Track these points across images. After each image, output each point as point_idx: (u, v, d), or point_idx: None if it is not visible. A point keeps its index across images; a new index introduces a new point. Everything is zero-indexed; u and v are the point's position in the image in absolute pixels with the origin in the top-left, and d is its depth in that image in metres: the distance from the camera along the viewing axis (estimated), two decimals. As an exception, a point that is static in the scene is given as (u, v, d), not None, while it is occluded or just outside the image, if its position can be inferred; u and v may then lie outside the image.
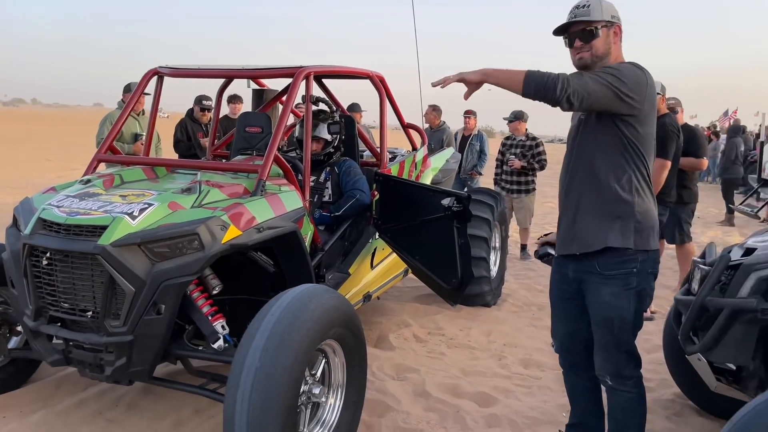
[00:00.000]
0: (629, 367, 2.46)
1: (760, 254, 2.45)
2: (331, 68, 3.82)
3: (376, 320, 4.66)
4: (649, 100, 2.29)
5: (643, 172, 2.36)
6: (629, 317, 2.38)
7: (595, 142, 2.37)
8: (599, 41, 2.32)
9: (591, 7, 2.32)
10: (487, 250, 5.04)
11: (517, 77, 2.21)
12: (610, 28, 2.34)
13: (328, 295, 2.61)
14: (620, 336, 2.41)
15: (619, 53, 2.40)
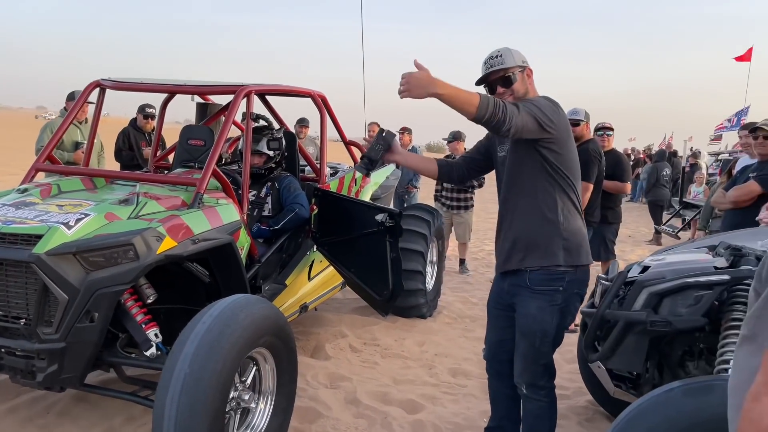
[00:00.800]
0: (544, 379, 2.67)
1: (652, 272, 2.71)
2: (272, 87, 3.97)
3: (313, 330, 4.79)
4: (563, 127, 2.53)
5: (570, 194, 2.57)
6: (551, 331, 2.59)
7: (521, 168, 2.58)
8: (518, 84, 2.58)
9: (503, 57, 2.58)
10: (423, 263, 5.24)
11: (471, 100, 2.26)
12: (523, 72, 2.60)
13: (259, 305, 2.74)
14: (540, 348, 2.61)
15: (535, 91, 2.66)
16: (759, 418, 1.06)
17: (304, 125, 7.89)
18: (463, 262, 7.67)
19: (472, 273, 7.61)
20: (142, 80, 3.75)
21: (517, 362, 2.69)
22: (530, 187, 2.56)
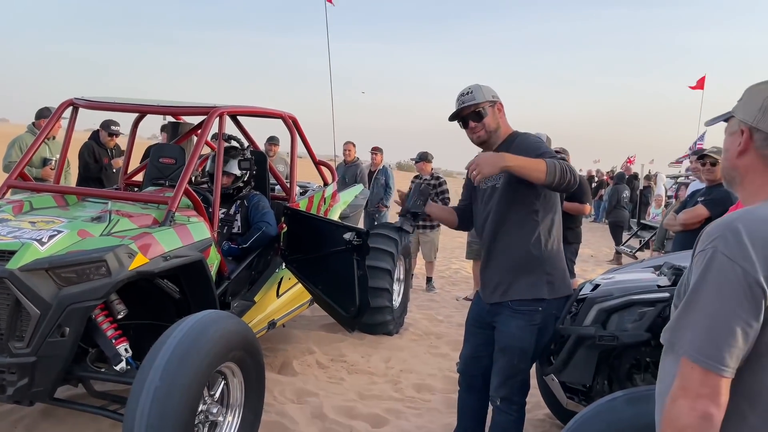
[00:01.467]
0: (519, 394, 2.80)
1: (601, 290, 2.89)
2: (244, 109, 4.08)
3: (281, 347, 4.86)
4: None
5: (553, 230, 2.72)
6: (529, 349, 2.72)
7: (511, 205, 2.69)
8: (489, 119, 2.72)
9: (474, 93, 2.73)
10: (390, 281, 5.37)
11: (539, 167, 2.40)
12: (494, 106, 2.75)
13: (229, 321, 2.83)
14: (519, 365, 2.74)
15: (507, 124, 2.81)
16: (676, 418, 1.20)
17: (275, 143, 8.01)
18: (429, 280, 7.82)
19: (439, 291, 7.76)
20: (115, 100, 3.82)
21: (494, 377, 2.80)
22: (517, 222, 2.70)
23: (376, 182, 8.23)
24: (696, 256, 1.25)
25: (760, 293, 1.14)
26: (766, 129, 1.28)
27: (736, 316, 1.15)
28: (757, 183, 1.32)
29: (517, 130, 2.81)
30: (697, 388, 1.17)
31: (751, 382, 1.19)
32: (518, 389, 2.77)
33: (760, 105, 1.29)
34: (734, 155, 1.33)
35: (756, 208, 1.26)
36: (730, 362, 1.15)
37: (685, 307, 1.21)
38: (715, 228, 1.23)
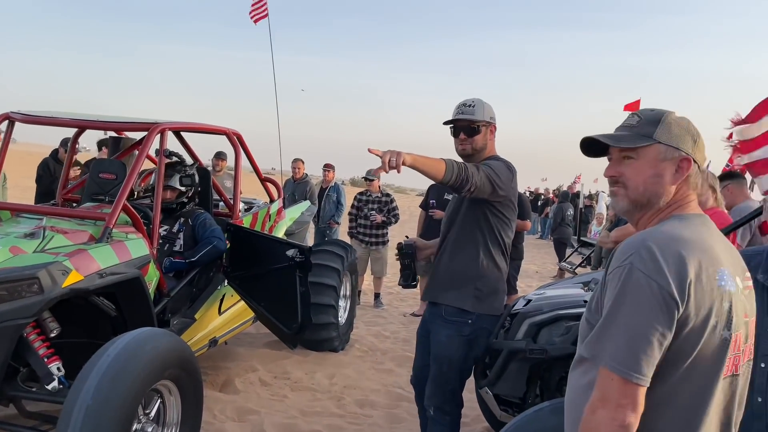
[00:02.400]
0: (451, 405, 2.87)
1: (532, 305, 3.01)
2: (186, 125, 4.07)
3: (224, 365, 4.81)
4: (512, 192, 2.78)
5: (495, 250, 2.78)
6: (457, 359, 2.78)
7: (460, 218, 2.81)
8: (479, 137, 2.80)
9: (475, 108, 2.80)
10: (335, 297, 5.39)
11: (438, 166, 2.46)
12: (488, 127, 2.83)
13: (165, 338, 2.81)
14: (448, 374, 2.81)
15: (493, 147, 2.90)
16: (595, 429, 1.26)
17: (221, 158, 7.96)
18: (377, 296, 7.87)
19: (387, 307, 7.82)
20: (52, 114, 3.76)
21: (428, 386, 2.89)
22: (462, 235, 2.80)
23: (328, 199, 8.28)
24: (612, 272, 1.32)
25: (674, 305, 1.24)
26: (699, 160, 1.44)
27: (653, 328, 1.23)
28: (672, 207, 1.43)
29: (497, 155, 2.88)
30: (618, 398, 1.24)
31: (661, 389, 1.28)
32: (449, 399, 2.84)
33: (692, 138, 1.43)
34: (669, 182, 1.42)
35: (662, 227, 1.37)
36: (647, 372, 1.24)
37: (605, 321, 1.29)
38: (628, 246, 1.32)
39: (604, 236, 4.86)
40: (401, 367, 5.33)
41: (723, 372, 1.31)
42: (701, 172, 1.45)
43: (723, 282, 1.30)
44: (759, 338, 1.87)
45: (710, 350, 1.28)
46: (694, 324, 1.25)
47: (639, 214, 1.47)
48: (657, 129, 1.42)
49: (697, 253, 1.28)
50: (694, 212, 1.43)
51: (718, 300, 1.28)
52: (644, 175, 1.42)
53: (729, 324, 1.30)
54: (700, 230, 1.37)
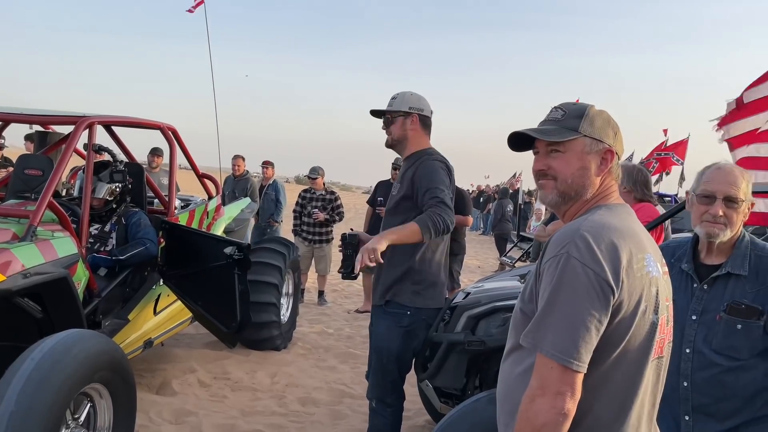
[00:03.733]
0: (392, 397, 2.87)
1: (471, 298, 3.05)
2: (117, 119, 3.92)
3: (160, 367, 4.67)
4: (451, 188, 2.80)
5: (432, 246, 2.79)
6: (395, 350, 2.79)
7: (396, 217, 2.82)
8: (395, 127, 2.85)
9: (397, 100, 2.86)
10: (277, 295, 5.31)
11: (414, 235, 2.60)
12: (407, 118, 2.84)
13: (94, 340, 2.70)
14: (387, 365, 2.81)
15: (421, 139, 2.88)
16: (534, 417, 1.27)
17: (158, 155, 7.72)
18: (321, 293, 7.82)
19: (331, 304, 7.78)
20: (-29, 107, 3.56)
21: (370, 378, 2.91)
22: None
23: (267, 197, 8.17)
24: (548, 261, 1.33)
25: (610, 292, 1.26)
26: (619, 152, 1.48)
27: (591, 315, 1.26)
28: (597, 197, 1.46)
29: (429, 150, 2.87)
30: (558, 385, 1.25)
31: (596, 373, 1.30)
32: (390, 390, 2.85)
33: (614, 131, 1.47)
34: (595, 173, 1.45)
35: (591, 216, 1.39)
36: (586, 358, 1.26)
37: (543, 310, 1.30)
38: (563, 236, 1.33)
39: (541, 230, 4.98)
40: (344, 363, 5.31)
41: (652, 354, 1.35)
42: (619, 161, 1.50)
43: (650, 268, 1.34)
44: (684, 325, 1.95)
45: (641, 334, 1.32)
46: (627, 309, 1.29)
47: (566, 207, 1.49)
48: (582, 122, 1.45)
49: (627, 240, 1.32)
50: (617, 202, 1.47)
51: (647, 285, 1.32)
52: (572, 168, 1.44)
53: (657, 308, 1.34)
54: (626, 218, 1.42)
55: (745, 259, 1.94)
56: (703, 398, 1.93)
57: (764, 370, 1.88)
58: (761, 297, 1.89)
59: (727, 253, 1.98)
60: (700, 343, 1.95)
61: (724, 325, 1.91)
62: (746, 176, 1.98)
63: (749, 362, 1.89)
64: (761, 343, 1.88)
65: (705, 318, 1.95)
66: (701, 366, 1.94)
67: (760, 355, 1.89)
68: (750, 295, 1.90)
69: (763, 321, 1.88)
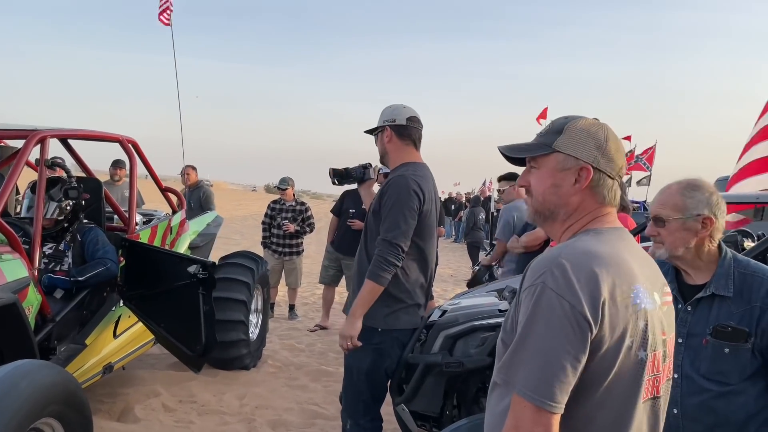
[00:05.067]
0: (366, 418, 2.73)
1: (448, 316, 2.93)
2: (72, 132, 3.71)
3: (122, 391, 4.44)
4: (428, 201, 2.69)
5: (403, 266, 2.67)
6: (365, 368, 2.67)
7: (371, 231, 2.72)
8: (378, 143, 2.81)
9: (379, 116, 2.81)
10: (246, 313, 5.12)
11: (373, 290, 2.60)
12: (382, 133, 2.77)
13: (45, 371, 2.51)
14: (358, 384, 2.69)
15: (399, 151, 2.78)
16: None
17: (120, 167, 7.46)
18: (292, 308, 7.63)
19: (302, 318, 7.59)
20: None
21: (343, 399, 2.79)
22: (371, 248, 2.70)
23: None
24: (524, 291, 1.23)
25: (587, 327, 1.15)
26: (604, 169, 1.32)
27: (566, 351, 1.14)
28: (581, 219, 1.35)
29: (403, 167, 2.76)
30: (530, 426, 1.15)
31: (578, 414, 1.19)
32: (363, 412, 2.73)
33: (596, 145, 1.33)
34: (569, 192, 1.34)
35: (575, 242, 1.28)
36: (561, 398, 1.15)
37: (517, 344, 1.20)
38: (541, 263, 1.23)
39: (514, 241, 4.89)
40: (316, 381, 5.14)
41: (642, 395, 1.23)
42: (614, 180, 1.34)
43: (638, 300, 1.22)
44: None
45: (626, 372, 1.21)
46: (608, 345, 1.18)
47: (548, 227, 1.41)
48: (559, 137, 1.35)
49: (611, 269, 1.20)
50: (611, 226, 1.35)
51: (633, 319, 1.20)
52: (544, 185, 1.36)
53: (645, 344, 1.22)
54: (616, 245, 1.29)
55: (729, 278, 1.85)
56: (694, 425, 1.84)
57: (755, 395, 1.80)
58: (747, 318, 1.80)
59: (710, 272, 1.89)
60: (688, 368, 1.86)
61: (712, 350, 1.83)
62: (690, 193, 1.88)
63: (739, 386, 1.80)
64: (750, 366, 1.80)
65: (691, 342, 1.87)
66: (691, 392, 1.85)
67: (750, 379, 1.80)
68: (736, 317, 1.81)
69: (751, 343, 1.79)
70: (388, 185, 2.69)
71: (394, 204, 2.62)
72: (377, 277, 2.59)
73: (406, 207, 2.61)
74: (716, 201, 1.86)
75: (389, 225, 2.61)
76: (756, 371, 1.80)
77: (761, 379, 1.80)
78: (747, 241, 6.94)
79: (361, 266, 2.74)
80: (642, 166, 11.86)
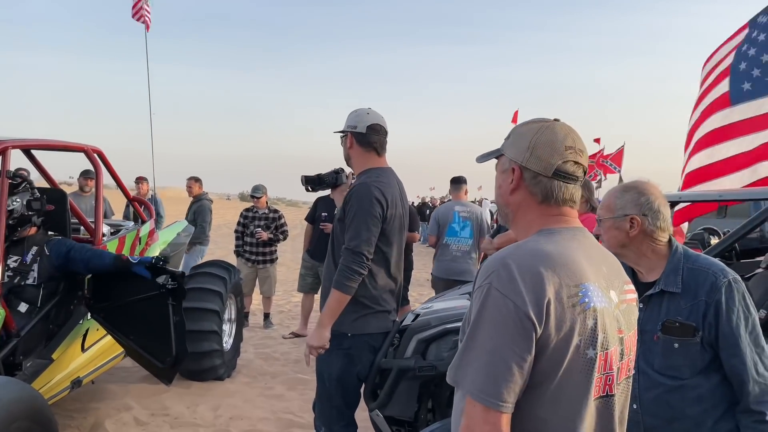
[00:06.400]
0: (340, 424, 2.71)
1: (420, 320, 2.92)
2: (35, 142, 3.64)
3: (92, 406, 4.35)
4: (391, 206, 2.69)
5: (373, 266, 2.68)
6: (335, 374, 2.66)
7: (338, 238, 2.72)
8: (343, 148, 2.81)
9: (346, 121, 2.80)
10: (219, 322, 5.06)
11: (340, 299, 2.60)
12: (345, 138, 2.79)
13: (8, 388, 2.46)
14: (330, 390, 2.66)
15: (361, 157, 2.78)
16: None
17: (89, 177, 7.31)
18: (267, 316, 7.56)
19: (277, 327, 7.52)
20: None
21: (316, 406, 2.77)
22: (338, 255, 2.69)
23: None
24: (475, 291, 1.25)
25: (531, 327, 1.15)
26: (534, 168, 1.33)
27: (511, 351, 1.15)
28: (527, 218, 1.36)
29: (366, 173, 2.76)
30: (480, 425, 1.16)
31: (529, 413, 1.20)
32: (336, 418, 2.71)
33: (527, 145, 1.34)
34: (507, 192, 1.38)
35: (525, 243, 1.29)
36: (509, 398, 1.15)
37: (465, 344, 1.21)
38: (489, 264, 1.24)
39: (487, 243, 4.91)
40: (292, 390, 5.09)
41: (591, 393, 1.23)
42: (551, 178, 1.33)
43: (587, 299, 1.22)
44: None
45: (575, 371, 1.21)
46: (555, 344, 1.18)
47: (511, 227, 1.44)
48: (507, 140, 1.42)
49: (558, 269, 1.21)
50: (565, 225, 1.34)
51: (581, 318, 1.21)
52: (496, 187, 1.44)
53: (594, 342, 1.22)
54: (567, 244, 1.28)
55: (678, 275, 1.87)
56: (652, 420, 1.87)
57: (710, 388, 1.81)
58: (695, 313, 1.81)
59: (661, 269, 1.92)
60: (642, 364, 1.89)
61: (662, 345, 1.86)
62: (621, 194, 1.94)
63: (692, 381, 1.82)
64: (701, 360, 1.81)
65: (644, 338, 1.89)
66: (647, 386, 1.88)
67: (702, 373, 1.82)
68: (685, 312, 1.83)
69: (699, 338, 1.81)
70: (351, 194, 2.69)
71: (356, 213, 2.63)
72: (343, 287, 2.59)
73: (368, 215, 2.61)
74: (646, 202, 1.90)
75: (352, 234, 2.62)
76: (708, 365, 1.81)
77: (715, 373, 1.81)
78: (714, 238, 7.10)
79: (329, 274, 2.73)
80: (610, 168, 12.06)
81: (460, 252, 5.80)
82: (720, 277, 1.82)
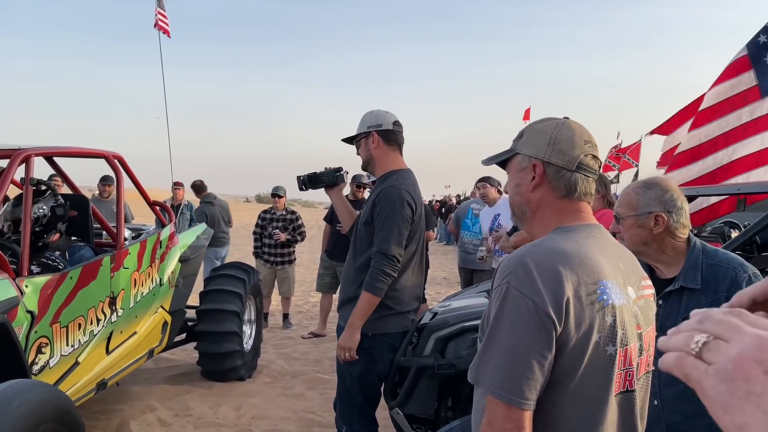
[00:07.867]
0: (361, 423, 2.74)
1: (438, 318, 2.94)
2: (56, 150, 3.70)
3: (117, 407, 4.43)
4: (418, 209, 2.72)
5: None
6: (357, 374, 2.68)
7: (359, 237, 2.75)
8: (361, 150, 2.80)
9: (359, 123, 2.80)
10: (239, 324, 5.12)
11: (371, 300, 2.62)
12: (368, 138, 2.76)
13: (37, 390, 2.50)
14: (351, 389, 2.69)
15: (386, 156, 2.78)
16: None
17: (108, 183, 7.44)
18: (286, 317, 7.62)
19: (296, 327, 7.58)
20: None
21: (337, 405, 2.80)
22: (359, 255, 2.73)
23: (182, 217, 8.09)
24: (493, 291, 1.26)
25: (551, 324, 1.17)
26: (557, 162, 1.35)
27: (531, 349, 1.16)
28: (547, 215, 1.38)
29: (395, 174, 2.76)
30: (502, 423, 1.17)
31: (551, 410, 1.21)
32: (358, 416, 2.74)
33: (547, 140, 1.36)
34: (528, 190, 1.38)
35: (543, 241, 1.30)
36: (530, 395, 1.17)
37: (485, 343, 1.22)
38: (508, 263, 1.25)
39: (504, 241, 4.90)
40: (312, 390, 5.13)
41: (612, 389, 1.25)
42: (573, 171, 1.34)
43: (605, 296, 1.23)
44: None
45: (595, 368, 1.22)
46: (575, 342, 1.19)
47: (525, 226, 1.45)
48: (519, 140, 1.42)
49: (576, 267, 1.22)
50: (582, 222, 1.36)
51: (600, 315, 1.22)
52: (511, 186, 1.44)
53: (613, 339, 1.23)
54: (584, 242, 1.29)
55: (697, 271, 1.87)
56: (674, 416, 1.86)
57: None
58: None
59: (680, 265, 1.91)
60: None
61: None
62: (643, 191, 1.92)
63: None
64: None
65: (663, 335, 1.88)
66: (667, 383, 1.87)
67: None
68: (705, 308, 1.83)
69: None
70: (380, 196, 2.69)
71: (388, 215, 2.63)
72: (374, 289, 2.61)
73: (400, 218, 2.63)
74: (670, 199, 1.89)
75: (384, 236, 2.63)
76: None
77: None
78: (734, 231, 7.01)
79: (348, 275, 2.75)
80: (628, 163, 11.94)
81: (472, 244, 6.27)
82: (740, 272, 1.81)
